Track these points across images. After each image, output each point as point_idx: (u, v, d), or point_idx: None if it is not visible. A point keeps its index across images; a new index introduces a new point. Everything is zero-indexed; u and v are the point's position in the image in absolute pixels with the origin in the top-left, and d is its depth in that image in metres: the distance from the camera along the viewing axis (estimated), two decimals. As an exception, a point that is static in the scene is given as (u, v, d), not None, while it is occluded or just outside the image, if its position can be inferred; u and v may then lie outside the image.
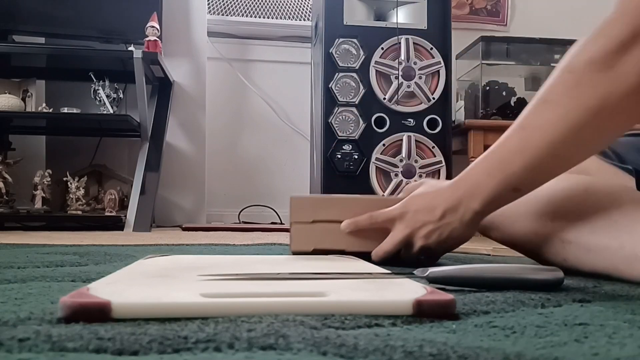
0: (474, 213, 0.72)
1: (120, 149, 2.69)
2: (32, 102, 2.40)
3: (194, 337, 0.33)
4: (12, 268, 0.74)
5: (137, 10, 2.42)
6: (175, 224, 2.62)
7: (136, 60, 2.20)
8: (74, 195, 2.36)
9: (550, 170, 0.67)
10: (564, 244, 0.72)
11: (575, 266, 0.72)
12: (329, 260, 0.71)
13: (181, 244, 1.34)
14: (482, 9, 3.00)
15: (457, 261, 0.96)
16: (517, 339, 0.36)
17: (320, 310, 0.40)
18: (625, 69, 0.57)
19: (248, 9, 2.86)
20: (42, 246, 1.20)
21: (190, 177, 2.70)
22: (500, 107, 2.55)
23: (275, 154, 2.91)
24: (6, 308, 0.44)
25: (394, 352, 0.31)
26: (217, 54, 2.84)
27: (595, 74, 0.58)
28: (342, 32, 2.29)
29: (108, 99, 2.40)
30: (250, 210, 2.04)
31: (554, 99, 0.62)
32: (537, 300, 0.50)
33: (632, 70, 0.57)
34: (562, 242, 0.72)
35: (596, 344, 0.34)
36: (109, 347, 0.31)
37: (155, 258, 0.69)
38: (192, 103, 2.71)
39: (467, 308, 0.46)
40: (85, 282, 0.59)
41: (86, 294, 0.41)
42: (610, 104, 0.58)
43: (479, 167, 0.71)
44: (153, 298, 0.41)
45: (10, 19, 2.39)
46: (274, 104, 2.91)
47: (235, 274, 0.51)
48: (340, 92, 2.27)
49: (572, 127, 0.60)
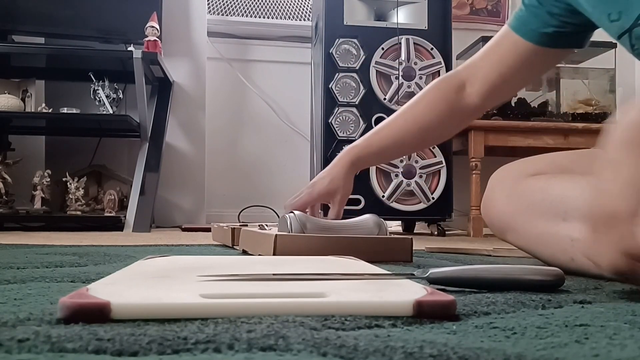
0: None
1: (120, 149, 2.69)
2: (31, 102, 2.40)
3: (194, 337, 0.33)
4: (12, 268, 0.74)
5: (137, 10, 2.42)
6: (175, 225, 2.61)
7: (136, 60, 2.20)
8: (73, 195, 2.36)
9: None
10: (572, 242, 0.72)
11: (580, 266, 0.72)
12: (329, 261, 0.71)
13: (181, 245, 1.34)
14: (483, 9, 3.00)
15: (457, 262, 0.96)
16: (518, 340, 0.36)
17: (320, 311, 0.40)
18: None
19: (248, 9, 2.86)
20: (42, 247, 1.20)
21: (189, 178, 2.70)
22: (500, 108, 2.54)
23: (275, 154, 2.91)
24: (5, 309, 0.44)
25: (394, 353, 0.31)
26: (217, 54, 2.84)
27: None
28: (342, 32, 2.29)
29: (108, 99, 2.40)
30: (250, 210, 2.05)
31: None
32: (538, 301, 0.50)
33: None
34: (572, 241, 0.72)
35: (597, 345, 0.34)
36: (109, 348, 0.31)
37: (154, 259, 0.69)
38: (191, 103, 2.71)
39: (467, 309, 0.46)
40: (85, 282, 0.59)
41: (85, 294, 0.41)
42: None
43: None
44: (152, 299, 0.41)
45: (10, 19, 2.39)
46: (274, 104, 2.91)
47: (235, 275, 0.51)
48: (340, 93, 2.27)
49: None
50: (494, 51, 0.92)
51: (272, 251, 0.88)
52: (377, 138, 1.01)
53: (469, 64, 0.96)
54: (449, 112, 0.97)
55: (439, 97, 0.97)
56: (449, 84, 0.96)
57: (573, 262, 0.72)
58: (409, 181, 2.26)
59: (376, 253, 0.90)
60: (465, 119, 1.01)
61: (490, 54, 0.93)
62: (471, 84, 0.95)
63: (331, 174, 1.02)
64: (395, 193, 2.26)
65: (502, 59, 0.90)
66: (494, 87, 0.93)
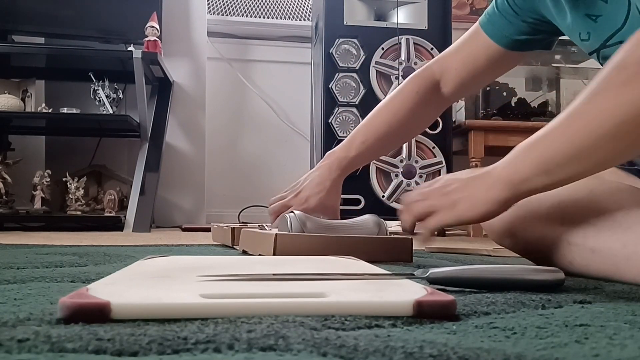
0: (503, 182, 0.66)
1: (120, 149, 2.69)
2: (31, 102, 2.40)
3: (194, 338, 0.33)
4: (12, 268, 0.74)
5: (136, 10, 2.42)
6: (175, 225, 2.61)
7: (136, 60, 2.20)
8: (73, 195, 2.36)
9: (585, 160, 0.62)
10: (570, 247, 0.72)
11: (580, 269, 0.72)
12: (328, 261, 0.71)
13: (181, 245, 1.34)
14: (483, 9, 3.00)
15: (457, 262, 0.96)
16: (518, 340, 0.36)
17: (320, 311, 0.40)
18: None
19: (248, 9, 2.86)
20: (42, 247, 1.20)
21: (189, 178, 2.70)
22: (500, 108, 2.55)
23: (275, 154, 2.91)
24: (5, 309, 0.44)
25: (394, 353, 0.31)
26: (217, 54, 2.84)
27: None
28: (342, 32, 2.29)
29: (107, 99, 2.40)
30: (250, 210, 2.05)
31: (602, 94, 0.61)
32: (538, 301, 0.50)
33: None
34: (569, 245, 0.72)
35: (597, 345, 0.34)
36: (109, 348, 0.31)
37: (154, 259, 0.69)
38: (191, 103, 2.71)
39: (467, 309, 0.46)
40: (85, 282, 0.59)
41: (85, 294, 0.40)
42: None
43: (519, 146, 0.68)
44: (152, 299, 0.40)
45: (10, 19, 2.39)
46: (274, 104, 2.91)
47: (235, 275, 0.51)
48: (340, 93, 2.27)
49: (617, 123, 0.59)
50: (465, 49, 0.97)
51: (272, 251, 0.88)
52: (359, 141, 1.03)
53: (441, 59, 1.01)
54: (425, 106, 1.03)
55: (415, 93, 1.02)
56: (425, 80, 1.01)
57: (572, 265, 0.72)
58: (409, 181, 2.26)
59: (376, 253, 0.90)
60: (439, 111, 1.08)
61: (461, 52, 0.98)
62: (444, 78, 1.00)
63: (321, 183, 1.02)
64: (395, 193, 2.26)
65: (474, 58, 0.95)
66: (464, 84, 0.99)
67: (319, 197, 1.01)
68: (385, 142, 1.05)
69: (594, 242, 0.69)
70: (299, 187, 1.04)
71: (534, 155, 0.65)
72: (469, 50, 0.96)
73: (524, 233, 0.81)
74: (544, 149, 0.64)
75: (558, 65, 2.68)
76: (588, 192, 0.74)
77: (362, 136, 1.03)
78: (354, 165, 1.05)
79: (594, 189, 0.75)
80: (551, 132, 0.64)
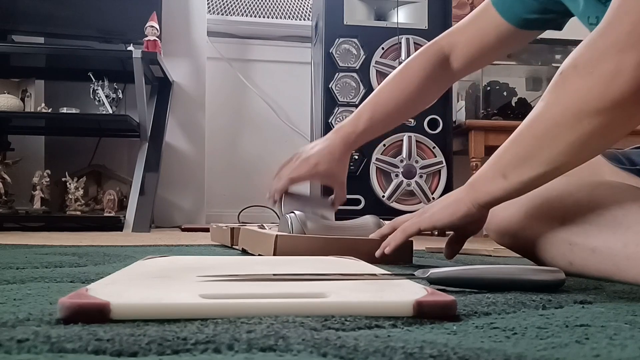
0: (466, 186, 0.76)
1: (120, 149, 2.69)
2: (31, 102, 2.40)
3: (193, 338, 0.33)
4: (11, 269, 0.73)
5: (136, 10, 2.42)
6: (175, 225, 2.61)
7: (135, 60, 2.20)
8: (73, 195, 2.36)
9: (534, 160, 0.67)
10: (571, 247, 0.72)
11: (580, 270, 0.72)
12: (329, 261, 0.71)
13: (180, 245, 1.34)
14: (482, 10, 3.00)
15: (457, 262, 0.96)
16: (518, 340, 0.36)
17: (320, 312, 0.40)
18: (602, 77, 0.59)
19: (248, 8, 2.86)
20: (41, 247, 1.20)
21: (189, 178, 2.70)
22: (501, 108, 2.55)
23: (275, 154, 2.90)
24: (5, 309, 0.44)
25: (394, 354, 0.31)
26: (217, 53, 2.84)
27: (577, 78, 0.62)
28: (342, 32, 2.29)
29: (107, 99, 2.40)
30: (250, 210, 2.04)
31: (544, 96, 0.66)
32: (538, 301, 0.50)
33: (609, 79, 0.59)
34: (570, 245, 0.72)
35: (597, 345, 0.34)
36: (108, 348, 0.31)
37: (154, 259, 0.69)
38: (191, 103, 2.71)
39: (467, 309, 0.46)
40: (84, 282, 0.59)
41: (85, 294, 0.40)
42: (588, 107, 0.60)
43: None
44: (152, 299, 0.40)
45: (10, 18, 2.39)
46: (274, 104, 2.91)
47: (235, 275, 0.51)
48: (340, 92, 2.27)
49: (554, 124, 0.64)
50: (475, 25, 0.98)
51: (272, 251, 0.88)
52: (367, 117, 1.03)
53: (450, 35, 1.02)
54: (433, 82, 1.03)
55: (423, 69, 1.02)
56: (433, 56, 1.02)
57: (572, 265, 0.72)
58: (409, 181, 2.26)
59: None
60: (446, 86, 1.09)
61: (471, 28, 0.98)
62: (453, 54, 1.01)
63: (331, 153, 1.02)
64: (395, 193, 2.26)
65: (483, 35, 0.96)
66: (473, 59, 1.00)
67: (329, 165, 1.02)
68: (393, 117, 1.06)
69: (595, 242, 0.69)
70: (306, 153, 1.04)
71: (493, 160, 0.72)
72: (479, 26, 0.96)
73: (524, 233, 0.81)
74: (502, 153, 0.71)
75: (558, 65, 2.68)
76: (589, 191, 0.74)
77: (370, 112, 1.03)
78: (361, 141, 1.05)
79: (595, 188, 0.75)
80: (510, 138, 0.70)
